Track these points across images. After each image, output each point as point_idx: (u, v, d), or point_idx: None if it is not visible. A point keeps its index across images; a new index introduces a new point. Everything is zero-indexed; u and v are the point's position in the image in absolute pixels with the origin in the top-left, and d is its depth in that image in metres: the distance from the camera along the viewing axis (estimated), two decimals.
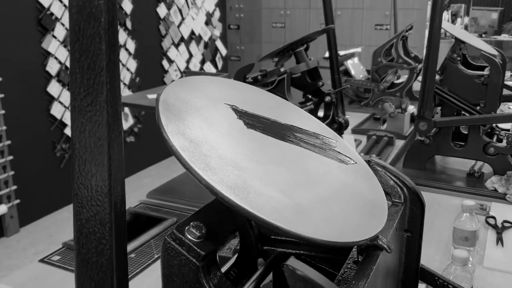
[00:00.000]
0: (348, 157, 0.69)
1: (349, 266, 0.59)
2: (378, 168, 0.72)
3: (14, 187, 3.40)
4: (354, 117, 2.90)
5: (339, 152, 0.69)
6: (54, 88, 3.73)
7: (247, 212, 0.47)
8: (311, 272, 0.44)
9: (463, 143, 1.94)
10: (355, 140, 2.40)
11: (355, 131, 2.64)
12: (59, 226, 3.62)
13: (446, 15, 7.13)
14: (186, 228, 0.53)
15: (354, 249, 0.63)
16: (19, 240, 3.42)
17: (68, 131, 3.83)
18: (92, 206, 0.47)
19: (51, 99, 3.73)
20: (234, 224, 0.59)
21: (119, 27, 4.29)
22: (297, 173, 0.59)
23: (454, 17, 7.28)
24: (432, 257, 1.38)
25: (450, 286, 0.76)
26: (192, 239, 0.52)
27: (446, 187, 1.85)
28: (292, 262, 0.44)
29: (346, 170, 0.65)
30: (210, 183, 0.48)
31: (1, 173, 3.31)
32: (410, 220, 0.72)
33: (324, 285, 0.43)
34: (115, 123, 0.45)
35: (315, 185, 0.58)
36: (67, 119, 3.83)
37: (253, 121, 0.64)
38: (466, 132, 1.98)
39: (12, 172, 3.38)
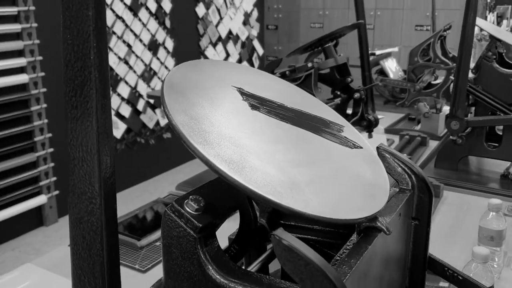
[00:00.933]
0: (354, 142, 0.69)
1: (348, 248, 0.59)
2: (386, 154, 0.71)
3: (54, 178, 3.53)
4: (389, 117, 2.86)
5: (345, 137, 0.69)
6: None
7: (239, 184, 0.48)
8: (298, 242, 0.45)
9: (497, 144, 1.88)
10: (388, 139, 2.37)
11: (388, 130, 2.60)
12: None
13: (491, 17, 6.92)
14: (185, 201, 0.54)
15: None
16: (57, 230, 3.54)
17: None
18: (82, 167, 0.50)
19: None
20: (234, 201, 0.61)
21: (158, 25, 4.40)
22: (297, 153, 0.59)
23: (499, 19, 7.06)
24: (456, 257, 1.35)
25: (460, 277, 0.75)
26: (190, 211, 0.54)
27: (477, 188, 1.80)
28: (279, 232, 0.45)
29: (350, 153, 0.65)
30: (206, 156, 0.50)
31: (41, 165, 3.44)
32: (418, 208, 0.72)
33: (310, 255, 0.44)
34: (103, 87, 0.48)
35: (315, 165, 0.59)
36: None
37: (258, 103, 0.65)
38: (500, 133, 1.93)
39: (52, 164, 3.51)
